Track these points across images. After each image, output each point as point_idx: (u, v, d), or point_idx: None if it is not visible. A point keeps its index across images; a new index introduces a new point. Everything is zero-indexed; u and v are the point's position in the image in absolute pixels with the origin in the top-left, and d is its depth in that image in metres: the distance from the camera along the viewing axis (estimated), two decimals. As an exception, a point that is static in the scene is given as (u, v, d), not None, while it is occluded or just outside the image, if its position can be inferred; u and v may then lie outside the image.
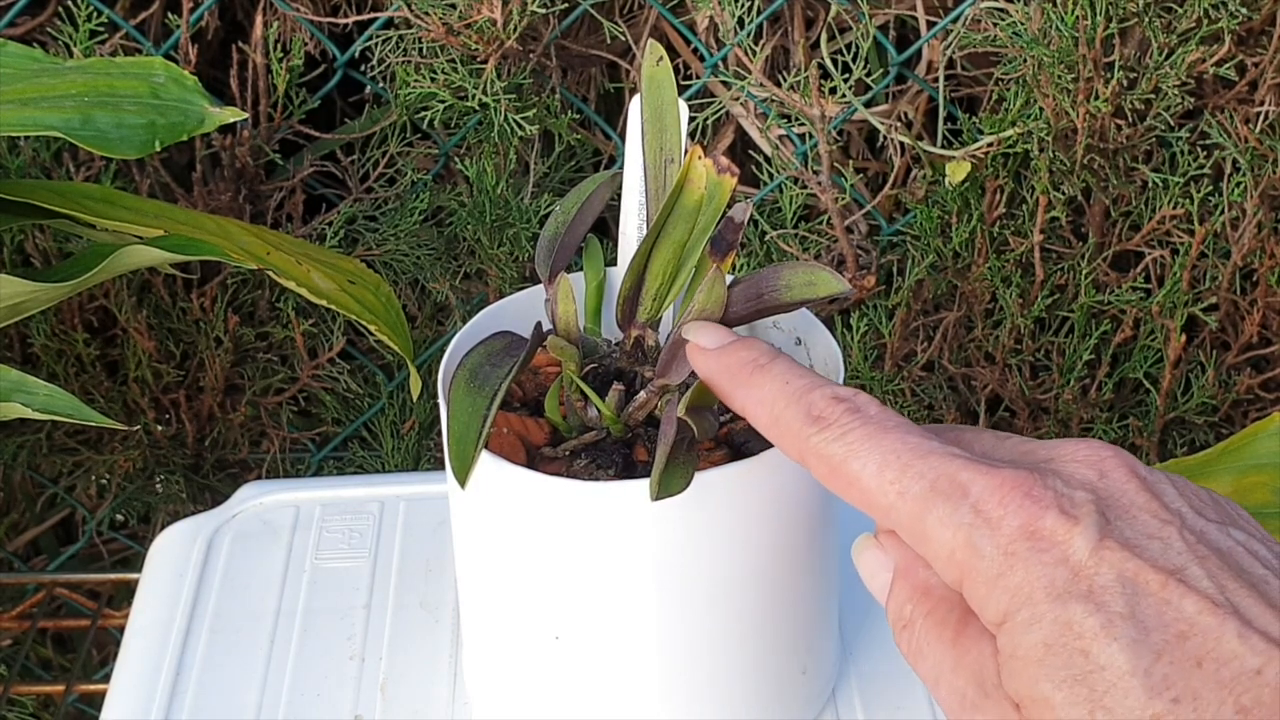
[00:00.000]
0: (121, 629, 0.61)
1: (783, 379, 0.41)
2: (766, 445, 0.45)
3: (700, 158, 0.45)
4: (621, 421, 0.48)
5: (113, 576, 0.95)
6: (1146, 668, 0.33)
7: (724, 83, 0.87)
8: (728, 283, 0.45)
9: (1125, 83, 0.82)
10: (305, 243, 0.72)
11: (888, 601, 0.40)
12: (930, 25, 0.88)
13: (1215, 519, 0.36)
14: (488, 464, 0.45)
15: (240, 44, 0.86)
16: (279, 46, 0.86)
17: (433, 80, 0.85)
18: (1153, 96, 0.82)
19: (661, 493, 0.43)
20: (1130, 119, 0.84)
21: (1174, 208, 0.86)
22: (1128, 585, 0.34)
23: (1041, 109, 0.83)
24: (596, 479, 0.46)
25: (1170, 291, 0.87)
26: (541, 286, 0.51)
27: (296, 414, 0.97)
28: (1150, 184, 0.87)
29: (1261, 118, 0.85)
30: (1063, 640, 0.34)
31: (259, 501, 0.64)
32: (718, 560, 0.46)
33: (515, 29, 0.81)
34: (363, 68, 0.89)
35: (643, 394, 0.47)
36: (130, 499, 1.00)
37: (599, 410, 0.48)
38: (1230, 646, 0.33)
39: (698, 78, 0.89)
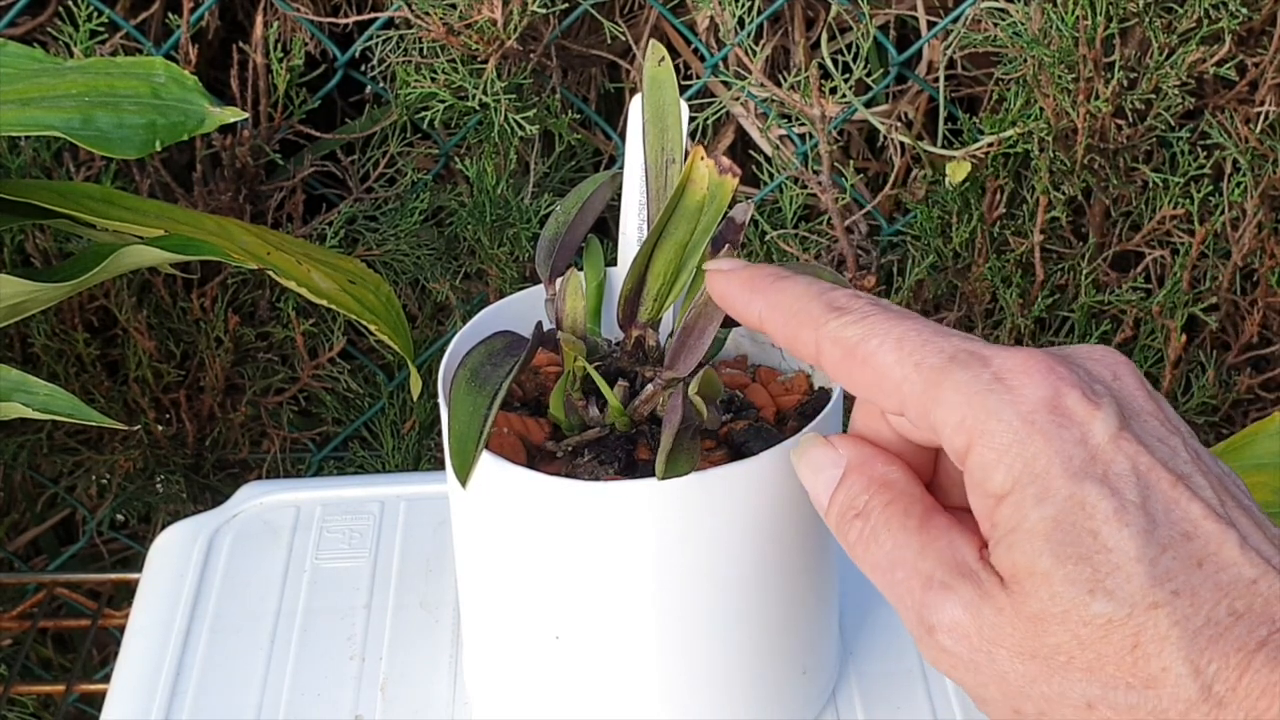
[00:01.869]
0: (121, 629, 0.61)
1: (805, 283, 0.41)
2: (766, 445, 0.45)
3: (702, 158, 0.45)
4: (628, 415, 0.48)
5: (113, 576, 0.95)
6: (1153, 558, 0.34)
7: (724, 83, 0.87)
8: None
9: (1125, 83, 0.82)
10: (305, 243, 0.72)
11: (835, 493, 0.40)
12: (930, 25, 0.88)
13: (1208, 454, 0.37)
14: (488, 464, 0.45)
15: (240, 44, 0.86)
16: (279, 46, 0.86)
17: (433, 80, 0.85)
18: (1153, 96, 0.82)
19: (668, 473, 0.43)
20: (1130, 119, 0.84)
21: (1174, 208, 0.86)
22: (1141, 479, 0.35)
23: (1042, 109, 0.83)
24: (598, 477, 0.46)
25: (1170, 291, 0.87)
26: (542, 286, 0.51)
27: (297, 414, 0.97)
28: (1150, 184, 0.87)
29: (1261, 118, 0.85)
30: (1073, 519, 0.34)
31: (259, 501, 0.64)
32: (718, 560, 0.46)
33: (515, 29, 0.81)
34: (363, 68, 0.89)
35: (650, 387, 0.47)
36: (130, 499, 1.00)
37: (607, 403, 0.48)
38: (1230, 554, 0.34)
39: (698, 78, 0.89)
